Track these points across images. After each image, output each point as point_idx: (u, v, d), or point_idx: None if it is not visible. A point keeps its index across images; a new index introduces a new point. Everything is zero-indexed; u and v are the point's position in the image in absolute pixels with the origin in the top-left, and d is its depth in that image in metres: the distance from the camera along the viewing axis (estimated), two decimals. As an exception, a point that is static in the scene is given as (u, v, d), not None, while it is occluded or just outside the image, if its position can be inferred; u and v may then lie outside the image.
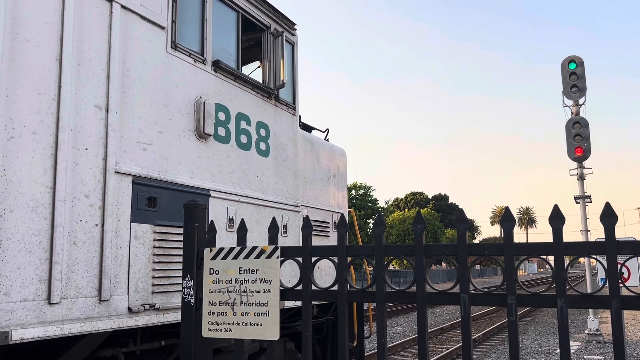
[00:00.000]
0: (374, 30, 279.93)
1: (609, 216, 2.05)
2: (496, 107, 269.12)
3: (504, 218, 2.21)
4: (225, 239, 4.51)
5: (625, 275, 9.51)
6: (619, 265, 2.07)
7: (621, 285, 2.09)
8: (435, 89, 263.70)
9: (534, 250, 2.18)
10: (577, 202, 14.36)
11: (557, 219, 2.12)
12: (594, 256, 2.15)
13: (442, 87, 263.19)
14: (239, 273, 2.51)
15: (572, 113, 14.36)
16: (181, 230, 3.92)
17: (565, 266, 2.12)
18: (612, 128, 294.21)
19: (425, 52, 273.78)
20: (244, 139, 4.89)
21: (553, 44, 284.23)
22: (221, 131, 4.59)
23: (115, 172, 3.54)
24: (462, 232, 2.26)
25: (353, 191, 58.25)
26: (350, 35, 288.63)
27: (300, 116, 6.04)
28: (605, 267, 2.06)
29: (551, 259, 2.21)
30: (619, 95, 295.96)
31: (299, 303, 5.12)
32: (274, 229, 2.58)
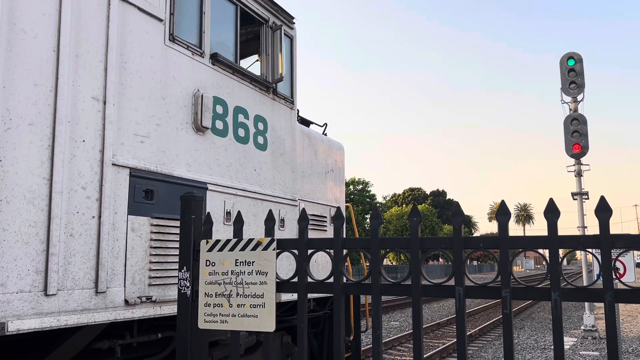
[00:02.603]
0: (373, 21, 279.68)
1: (603, 210, 2.06)
2: (495, 101, 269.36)
3: (500, 211, 2.22)
4: (223, 232, 4.51)
5: (621, 271, 9.55)
6: (612, 260, 2.08)
7: (617, 280, 2.10)
8: (434, 82, 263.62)
9: (529, 243, 2.19)
10: (574, 199, 14.39)
11: (552, 212, 2.13)
12: (590, 250, 2.16)
13: (441, 81, 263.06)
14: (235, 265, 2.52)
15: (570, 109, 14.38)
16: (178, 223, 3.92)
17: (560, 260, 2.13)
18: (610, 124, 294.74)
19: (424, 44, 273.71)
20: (241, 132, 4.89)
21: (553, 38, 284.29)
22: (219, 124, 4.59)
23: (112, 164, 3.53)
24: (458, 225, 2.27)
25: (351, 186, 58.30)
26: (349, 26, 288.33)
27: (298, 110, 6.04)
28: (600, 260, 2.07)
29: (546, 253, 2.22)
30: (618, 90, 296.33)
31: (295, 297, 5.13)
32: (270, 221, 2.59)
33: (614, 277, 2.07)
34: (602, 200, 2.05)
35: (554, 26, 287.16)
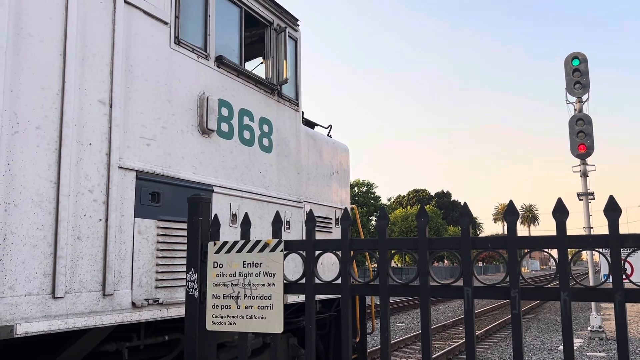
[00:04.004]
0: (374, 19, 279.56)
1: (612, 209, 2.05)
2: (499, 101, 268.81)
3: (508, 211, 2.21)
4: (229, 234, 4.52)
5: (629, 272, 9.51)
6: (622, 260, 2.07)
7: (626, 280, 2.09)
8: (438, 82, 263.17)
9: (538, 243, 2.18)
10: (580, 199, 14.34)
11: (560, 212, 2.12)
12: (598, 250, 2.16)
13: (445, 81, 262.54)
14: (243, 266, 2.52)
15: (575, 110, 14.34)
16: (184, 226, 3.93)
17: (570, 260, 2.12)
18: (616, 124, 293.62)
19: (428, 44, 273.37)
20: (247, 134, 4.89)
21: (557, 38, 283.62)
22: (224, 127, 4.60)
23: (119, 167, 3.54)
24: (466, 225, 2.26)
25: (355, 188, 58.26)
26: (353, 26, 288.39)
27: (303, 112, 6.04)
28: (609, 260, 2.06)
29: (555, 252, 2.21)
30: (623, 90, 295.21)
31: (301, 299, 5.14)
32: (277, 223, 2.59)
33: (623, 276, 2.06)
34: (611, 200, 2.04)
35: (559, 28, 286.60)
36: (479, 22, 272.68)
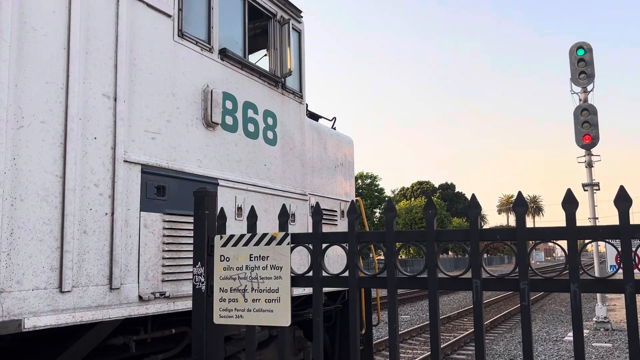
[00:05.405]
0: (383, 9, 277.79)
1: (623, 199, 2.03)
2: (504, 89, 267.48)
3: (517, 202, 2.19)
4: (234, 227, 4.51)
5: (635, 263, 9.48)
6: (633, 252, 2.05)
7: (635, 270, 2.07)
8: (439, 74, 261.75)
9: (547, 234, 2.16)
10: (585, 190, 14.29)
11: (570, 203, 2.10)
12: (609, 240, 2.14)
13: (447, 72, 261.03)
14: (250, 260, 2.51)
15: (580, 100, 14.25)
16: (190, 219, 3.93)
17: (580, 251, 2.11)
18: (621, 113, 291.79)
19: (431, 30, 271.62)
20: (251, 127, 4.88)
21: (565, 25, 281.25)
22: (229, 120, 4.58)
23: (124, 161, 3.54)
24: (474, 217, 2.25)
25: (359, 181, 58.26)
26: (357, 12, 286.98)
27: (307, 104, 6.02)
28: (619, 251, 2.04)
29: (563, 243, 2.19)
30: (630, 78, 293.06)
31: (307, 291, 5.14)
32: (284, 216, 2.58)
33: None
34: (622, 190, 2.02)
35: (565, 11, 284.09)
36: (487, 6, 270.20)
